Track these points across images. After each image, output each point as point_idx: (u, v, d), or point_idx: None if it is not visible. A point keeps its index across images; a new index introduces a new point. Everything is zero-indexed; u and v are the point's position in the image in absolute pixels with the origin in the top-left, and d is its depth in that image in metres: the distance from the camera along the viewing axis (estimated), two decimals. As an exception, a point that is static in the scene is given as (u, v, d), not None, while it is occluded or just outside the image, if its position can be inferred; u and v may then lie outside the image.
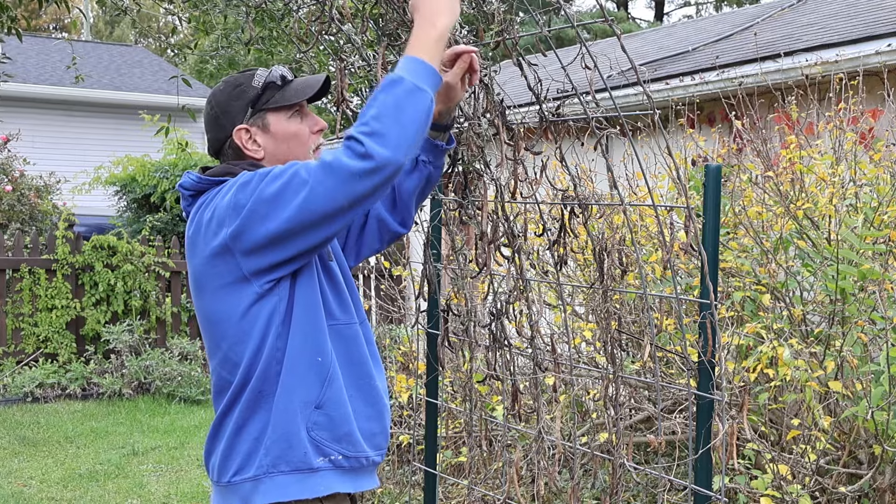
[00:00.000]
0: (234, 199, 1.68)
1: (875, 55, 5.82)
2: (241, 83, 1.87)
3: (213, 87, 1.95)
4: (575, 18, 2.12)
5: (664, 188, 4.53)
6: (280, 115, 1.86)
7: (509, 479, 2.65)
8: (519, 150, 2.45)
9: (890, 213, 3.53)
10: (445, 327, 2.87)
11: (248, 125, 1.85)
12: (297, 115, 1.88)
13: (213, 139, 1.89)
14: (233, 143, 1.85)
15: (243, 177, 1.72)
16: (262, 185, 1.66)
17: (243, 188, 1.68)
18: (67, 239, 7.48)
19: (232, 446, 1.75)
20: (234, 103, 1.85)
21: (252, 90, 1.85)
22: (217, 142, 1.88)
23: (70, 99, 13.66)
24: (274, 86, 1.86)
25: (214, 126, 1.88)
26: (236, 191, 1.69)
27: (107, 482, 5.00)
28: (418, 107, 1.61)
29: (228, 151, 1.87)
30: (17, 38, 5.29)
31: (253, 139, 1.85)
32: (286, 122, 1.86)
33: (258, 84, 1.85)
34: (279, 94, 1.86)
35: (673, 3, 31.21)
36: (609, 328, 2.56)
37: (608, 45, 10.32)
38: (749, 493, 3.11)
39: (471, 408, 3.00)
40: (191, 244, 1.78)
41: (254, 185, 1.67)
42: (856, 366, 3.02)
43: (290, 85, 1.88)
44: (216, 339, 1.77)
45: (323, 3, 2.63)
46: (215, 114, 1.87)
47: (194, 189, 1.82)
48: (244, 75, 1.89)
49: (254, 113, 1.85)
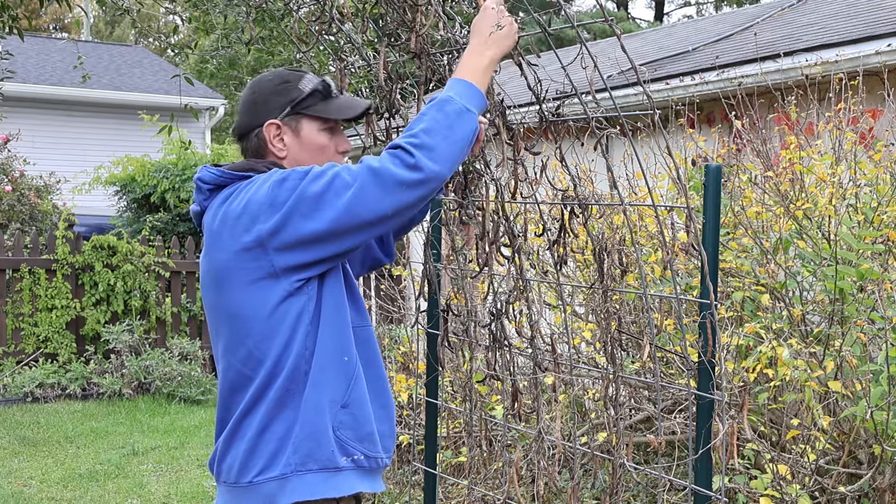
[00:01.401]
0: (272, 194, 1.67)
1: (875, 55, 5.82)
2: (288, 80, 1.87)
3: (261, 75, 1.94)
4: (575, 18, 2.12)
5: (664, 188, 4.53)
6: (314, 123, 1.86)
7: (509, 479, 2.65)
8: (519, 150, 2.46)
9: (889, 212, 3.53)
10: (445, 327, 2.87)
11: (281, 122, 1.85)
12: (330, 130, 1.88)
13: (243, 123, 1.89)
14: (260, 133, 1.85)
15: (277, 173, 1.71)
16: (303, 184, 1.66)
17: (280, 184, 1.68)
18: (67, 239, 7.48)
19: (256, 446, 1.73)
20: (276, 97, 1.85)
21: (297, 91, 1.85)
22: (246, 127, 1.88)
23: (70, 99, 13.66)
24: (318, 94, 1.87)
25: (250, 111, 1.88)
26: (273, 186, 1.68)
27: (107, 482, 5.01)
28: (466, 127, 1.68)
29: (253, 140, 1.87)
30: (19, 36, 5.29)
31: (281, 137, 1.85)
32: (317, 132, 1.87)
33: (305, 87, 1.86)
34: (321, 104, 1.87)
35: (673, 3, 31.21)
36: (609, 328, 2.56)
37: (608, 45, 10.34)
38: (749, 493, 3.11)
39: (471, 408, 3.00)
40: (214, 237, 1.76)
41: (293, 183, 1.67)
42: (855, 366, 3.02)
43: (334, 99, 1.89)
44: (241, 335, 1.75)
45: (323, 3, 2.63)
46: (254, 99, 1.87)
47: (214, 183, 1.81)
48: (294, 74, 1.89)
49: (290, 113, 1.85)
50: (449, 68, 2.51)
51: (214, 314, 1.81)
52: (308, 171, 1.68)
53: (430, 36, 2.50)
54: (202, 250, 1.83)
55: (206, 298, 1.83)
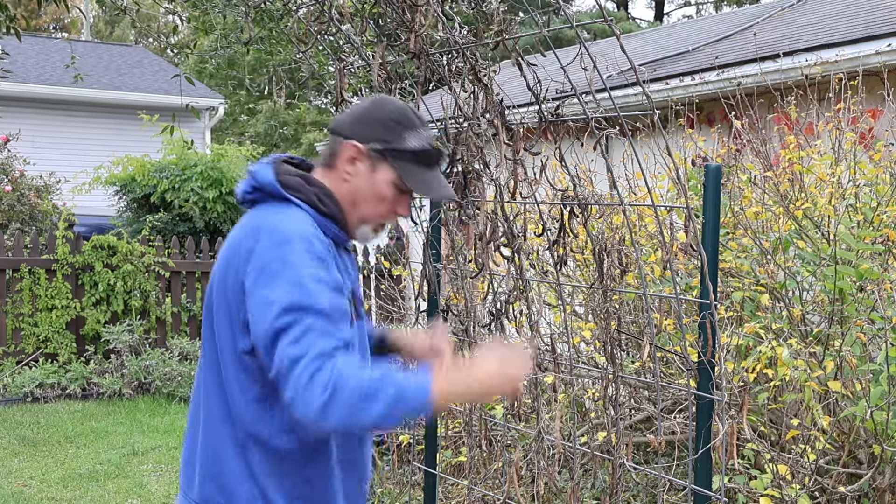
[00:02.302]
0: (258, 279, 1.63)
1: (875, 55, 5.82)
2: (402, 123, 1.78)
3: (390, 98, 1.84)
4: (574, 19, 2.12)
5: (664, 188, 4.53)
6: (391, 174, 1.78)
7: (509, 479, 2.65)
8: (518, 150, 2.46)
9: (889, 212, 3.53)
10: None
11: (366, 149, 1.77)
12: (400, 189, 1.80)
13: (340, 125, 1.81)
14: (340, 145, 1.79)
15: (276, 258, 1.63)
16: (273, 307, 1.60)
17: (267, 280, 1.62)
18: (67, 239, 7.48)
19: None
20: (380, 127, 1.77)
21: (400, 139, 1.77)
22: (338, 130, 1.80)
23: (70, 99, 13.66)
24: (418, 155, 1.78)
25: (352, 120, 1.80)
26: (265, 277, 1.62)
27: (107, 482, 5.01)
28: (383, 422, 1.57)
29: (333, 145, 1.80)
30: (17, 37, 5.29)
31: (354, 163, 1.78)
32: (389, 184, 1.78)
33: (410, 142, 1.77)
34: (413, 167, 1.78)
35: (673, 3, 31.22)
36: (609, 328, 2.56)
37: (608, 45, 10.35)
38: (748, 493, 3.11)
39: (471, 408, 3.00)
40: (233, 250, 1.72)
41: (272, 293, 1.61)
42: (855, 365, 3.02)
43: (427, 169, 1.80)
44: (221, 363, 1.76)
45: (322, 3, 2.63)
46: (363, 114, 1.80)
47: (262, 188, 1.76)
48: (412, 120, 1.80)
49: (380, 150, 1.77)
50: (448, 68, 2.52)
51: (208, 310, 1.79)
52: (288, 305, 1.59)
53: (429, 36, 2.50)
54: (225, 243, 1.80)
55: (210, 288, 1.79)
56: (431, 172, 1.82)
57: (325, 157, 1.83)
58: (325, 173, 1.81)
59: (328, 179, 1.80)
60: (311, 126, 30.47)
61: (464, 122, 2.54)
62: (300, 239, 1.65)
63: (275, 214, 1.72)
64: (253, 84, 23.05)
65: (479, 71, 2.47)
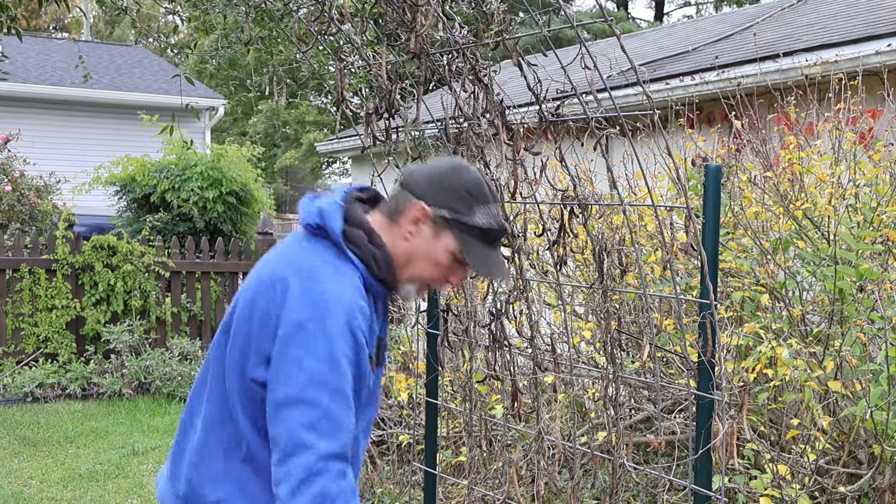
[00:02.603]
0: (296, 335, 1.62)
1: (875, 55, 5.82)
2: (474, 195, 1.75)
3: (469, 167, 1.80)
4: (574, 19, 2.12)
5: (664, 188, 4.53)
6: (453, 244, 1.76)
7: (509, 479, 2.65)
8: (518, 150, 2.46)
9: (889, 213, 3.53)
10: (445, 327, 2.87)
11: (433, 214, 1.74)
12: (457, 259, 1.79)
13: (412, 181, 1.78)
14: (408, 203, 1.76)
15: (316, 318, 1.63)
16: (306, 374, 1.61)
17: (303, 342, 1.62)
18: (67, 239, 7.48)
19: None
20: (452, 195, 1.74)
21: (470, 212, 1.75)
22: (409, 185, 1.77)
23: (70, 99, 13.66)
24: (484, 233, 1.76)
25: (426, 180, 1.76)
26: (302, 336, 1.62)
27: (107, 482, 5.01)
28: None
29: (401, 199, 1.77)
30: (17, 37, 5.29)
31: (418, 224, 1.76)
32: (447, 251, 1.77)
33: (479, 218, 1.75)
34: (476, 242, 1.77)
35: (673, 3, 31.22)
36: (609, 328, 2.56)
37: (608, 45, 10.34)
38: (748, 493, 3.11)
39: (471, 408, 3.00)
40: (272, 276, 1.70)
41: (305, 360, 1.62)
42: (855, 365, 3.02)
43: (489, 246, 1.79)
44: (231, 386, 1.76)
45: (323, 3, 2.63)
46: (439, 178, 1.76)
47: (325, 231, 1.74)
48: (485, 195, 1.77)
49: (447, 217, 1.74)
50: (448, 68, 2.52)
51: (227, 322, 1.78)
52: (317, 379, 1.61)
53: (429, 36, 2.50)
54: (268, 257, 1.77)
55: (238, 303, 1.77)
56: (492, 250, 1.80)
57: (390, 209, 1.79)
58: (388, 227, 1.78)
59: (389, 234, 1.78)
60: (311, 126, 30.47)
61: (464, 122, 2.54)
62: (344, 310, 1.65)
63: (327, 267, 1.70)
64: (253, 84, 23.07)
65: (479, 71, 2.47)
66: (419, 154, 2.79)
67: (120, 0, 5.35)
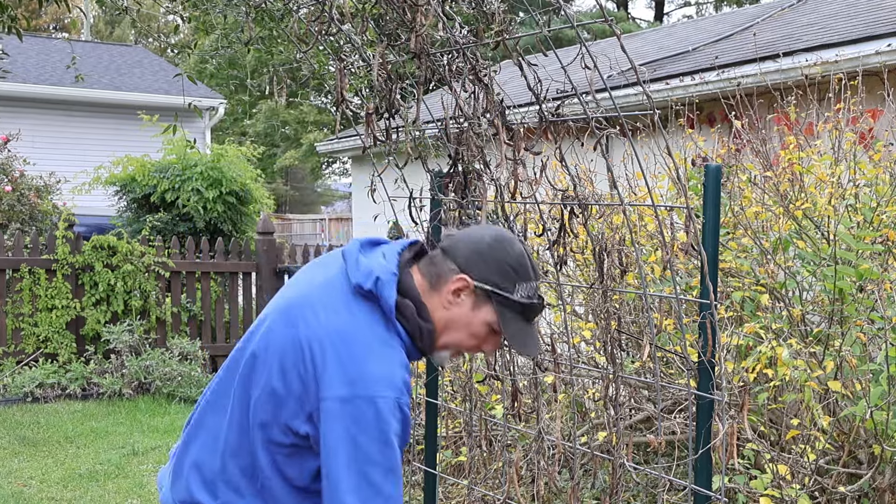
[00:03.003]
0: (356, 408, 1.62)
1: (875, 55, 5.82)
2: (517, 272, 1.75)
3: (513, 240, 1.81)
4: (575, 19, 2.12)
5: (664, 188, 4.53)
6: (492, 317, 1.76)
7: (509, 479, 2.65)
8: (519, 150, 2.46)
9: (889, 213, 3.53)
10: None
11: (472, 285, 1.74)
12: (493, 332, 1.79)
13: (458, 250, 1.77)
14: (447, 274, 1.75)
15: (389, 404, 1.63)
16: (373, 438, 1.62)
17: (355, 420, 1.62)
18: (67, 239, 7.48)
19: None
20: (495, 270, 1.74)
21: (512, 288, 1.75)
22: (452, 254, 1.77)
23: (70, 99, 13.66)
24: (523, 307, 1.77)
25: (471, 253, 1.76)
26: (364, 409, 1.62)
27: (107, 482, 5.01)
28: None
29: (443, 267, 1.76)
30: (18, 37, 5.29)
31: (459, 295, 1.75)
32: (485, 323, 1.77)
33: (518, 294, 1.75)
34: (515, 315, 1.77)
35: (673, 3, 31.23)
36: (609, 328, 2.56)
37: (608, 45, 10.33)
38: (748, 493, 3.11)
39: (471, 408, 3.00)
40: (314, 327, 1.69)
41: (369, 429, 1.62)
42: (855, 365, 3.02)
43: (524, 325, 1.79)
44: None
45: (323, 3, 2.63)
46: (483, 250, 1.75)
47: (375, 297, 1.72)
48: (527, 271, 1.77)
49: (489, 293, 1.75)
50: (448, 68, 2.52)
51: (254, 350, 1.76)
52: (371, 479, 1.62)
53: (429, 36, 2.50)
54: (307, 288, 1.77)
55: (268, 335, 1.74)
56: (529, 326, 1.81)
57: (431, 274, 1.78)
58: (428, 292, 1.77)
59: (430, 300, 1.77)
60: (311, 126, 30.46)
61: (464, 122, 2.54)
62: (394, 389, 1.65)
63: (376, 340, 1.69)
64: (253, 84, 23.04)
65: (479, 71, 2.47)
66: (420, 154, 2.79)
67: (120, 0, 5.35)
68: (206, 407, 1.83)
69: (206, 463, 1.78)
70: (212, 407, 1.82)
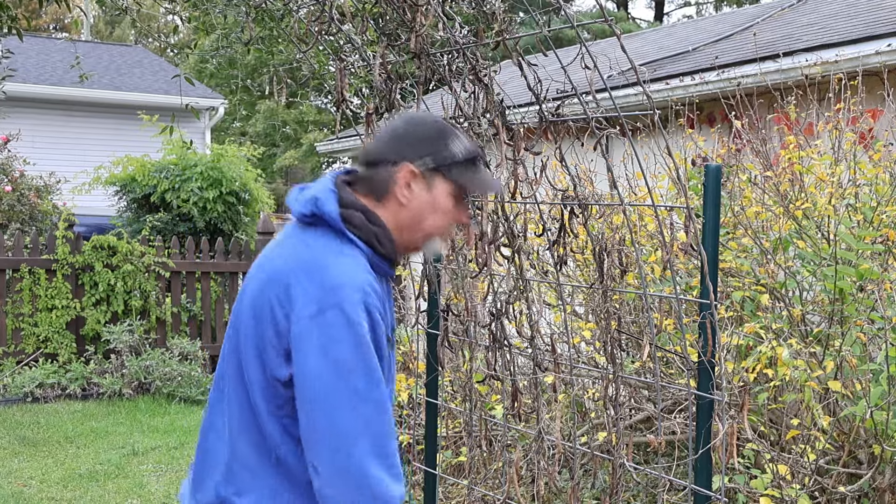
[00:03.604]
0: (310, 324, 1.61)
1: (875, 55, 5.82)
2: (445, 136, 1.78)
3: (421, 114, 1.83)
4: (575, 19, 2.12)
5: (664, 188, 4.53)
6: (448, 186, 1.78)
7: (509, 479, 2.65)
8: (519, 150, 2.46)
9: (889, 212, 3.53)
10: (445, 327, 2.87)
11: (417, 170, 1.75)
12: (458, 198, 1.81)
13: (380, 152, 1.78)
14: (394, 173, 1.76)
15: (330, 320, 1.61)
16: (344, 338, 1.61)
17: (324, 332, 1.60)
18: (67, 239, 7.48)
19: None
20: (426, 146, 1.76)
21: (447, 151, 1.76)
22: (382, 158, 1.77)
23: (70, 99, 13.66)
24: (467, 161, 1.78)
25: (392, 145, 1.77)
26: (319, 330, 1.61)
27: (107, 482, 5.01)
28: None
29: (382, 174, 1.76)
30: (18, 37, 5.29)
31: (410, 185, 1.76)
32: (447, 195, 1.78)
33: (457, 152, 1.77)
34: (465, 173, 1.79)
35: (673, 3, 31.23)
36: (609, 328, 2.56)
37: (608, 45, 10.34)
38: (749, 493, 3.11)
39: (471, 408, 3.00)
40: (291, 267, 1.68)
41: (331, 350, 1.61)
42: (855, 365, 3.02)
43: (478, 173, 1.81)
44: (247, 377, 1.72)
45: (323, 3, 2.63)
46: (403, 136, 1.77)
47: (323, 219, 1.72)
48: (452, 130, 1.80)
49: (432, 167, 1.75)
50: (448, 68, 2.52)
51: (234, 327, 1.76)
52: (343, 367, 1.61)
53: (429, 36, 2.50)
54: (265, 256, 1.75)
55: (238, 305, 1.75)
56: (481, 171, 1.83)
57: (373, 189, 1.78)
58: (378, 206, 1.77)
59: (386, 211, 1.77)
60: (311, 126, 30.46)
61: (464, 122, 2.54)
62: (358, 290, 1.64)
63: (330, 253, 1.69)
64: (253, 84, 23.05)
65: (479, 71, 2.47)
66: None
67: (120, 0, 5.35)
68: (208, 410, 1.83)
69: (218, 455, 1.77)
70: (212, 406, 1.82)
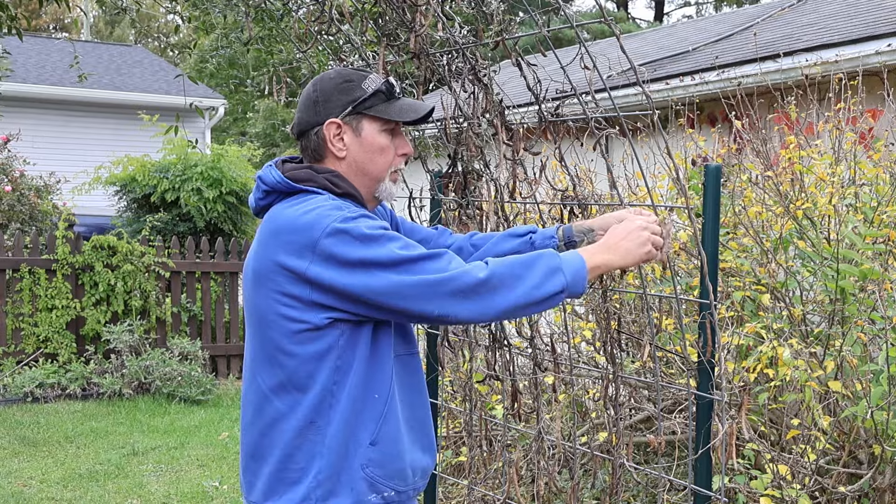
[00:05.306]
0: (328, 247, 1.65)
1: (875, 55, 5.82)
2: (351, 79, 1.84)
3: (323, 73, 1.90)
4: (574, 19, 2.12)
5: (664, 188, 4.53)
6: (375, 124, 1.83)
7: (509, 479, 2.65)
8: (518, 150, 2.46)
9: (889, 212, 3.53)
10: (445, 327, 2.87)
11: (342, 121, 1.81)
12: (390, 132, 1.86)
13: (302, 121, 1.85)
14: (320, 132, 1.82)
15: (337, 220, 1.66)
16: (358, 246, 1.65)
17: (339, 240, 1.65)
18: (67, 239, 7.48)
19: (279, 472, 1.73)
20: (338, 96, 1.82)
21: (359, 90, 1.82)
22: (306, 125, 1.84)
23: (70, 99, 13.66)
24: (381, 95, 1.84)
25: (310, 109, 1.84)
26: (332, 240, 1.65)
27: (107, 482, 5.01)
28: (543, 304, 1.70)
29: (312, 139, 1.83)
30: (18, 37, 5.29)
31: (341, 137, 1.82)
32: (378, 133, 1.84)
33: (368, 87, 1.83)
34: (384, 105, 1.84)
35: (673, 3, 31.22)
36: (609, 328, 2.56)
37: (608, 45, 10.34)
38: (749, 493, 3.10)
39: (471, 408, 3.00)
40: (267, 238, 1.73)
41: (349, 243, 1.65)
42: (855, 365, 3.02)
43: (396, 101, 1.86)
44: (266, 351, 1.74)
45: (322, 3, 2.63)
46: (315, 98, 1.83)
47: (273, 188, 1.80)
48: (357, 73, 1.86)
49: (352, 112, 1.82)
50: (448, 68, 2.51)
51: (249, 314, 1.79)
52: (367, 236, 1.66)
53: (429, 36, 2.50)
54: (252, 246, 1.80)
55: (245, 293, 1.80)
56: (401, 101, 1.88)
57: (311, 156, 1.86)
58: (319, 167, 1.84)
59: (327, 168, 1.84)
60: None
61: (464, 122, 2.54)
62: (336, 208, 1.70)
63: (293, 207, 1.73)
64: (253, 83, 23.05)
65: (479, 71, 2.47)
66: (419, 154, 2.79)
67: (120, 0, 5.35)
68: (242, 412, 1.86)
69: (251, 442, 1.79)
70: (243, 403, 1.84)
